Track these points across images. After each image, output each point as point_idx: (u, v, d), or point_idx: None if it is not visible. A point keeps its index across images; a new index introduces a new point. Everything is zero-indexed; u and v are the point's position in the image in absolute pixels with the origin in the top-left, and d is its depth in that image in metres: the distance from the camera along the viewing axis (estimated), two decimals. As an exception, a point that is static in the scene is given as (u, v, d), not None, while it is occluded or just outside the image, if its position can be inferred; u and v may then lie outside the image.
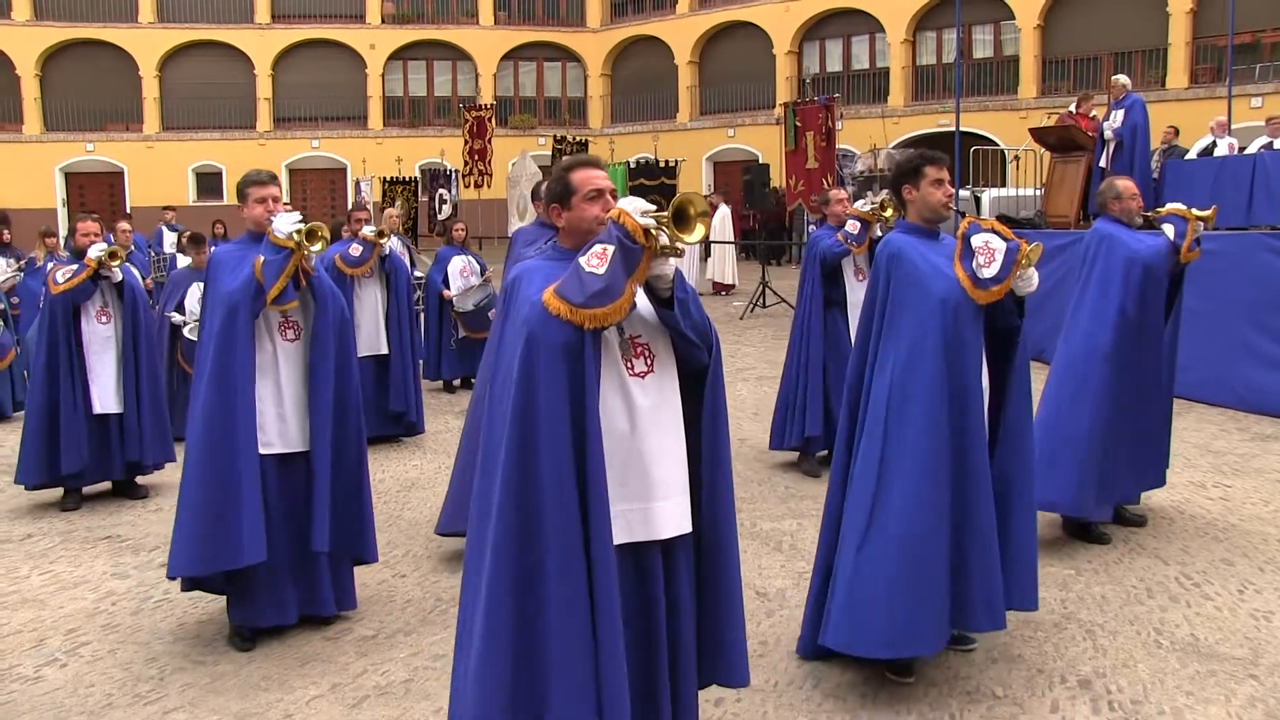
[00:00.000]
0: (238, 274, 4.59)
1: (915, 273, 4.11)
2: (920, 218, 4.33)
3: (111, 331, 6.90)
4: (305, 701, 4.14)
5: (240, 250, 4.75)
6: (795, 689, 4.15)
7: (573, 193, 3.11)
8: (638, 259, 2.85)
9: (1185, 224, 5.79)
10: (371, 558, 4.95)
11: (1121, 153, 11.77)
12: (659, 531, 3.03)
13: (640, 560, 3.03)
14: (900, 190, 4.35)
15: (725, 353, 13.28)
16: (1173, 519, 6.15)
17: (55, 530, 6.43)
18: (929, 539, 3.95)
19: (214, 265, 4.75)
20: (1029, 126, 14.96)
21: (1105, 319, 5.71)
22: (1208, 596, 5.01)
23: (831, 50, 29.53)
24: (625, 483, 2.97)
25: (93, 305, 6.84)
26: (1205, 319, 9.02)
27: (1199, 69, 22.74)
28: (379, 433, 8.47)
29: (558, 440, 2.85)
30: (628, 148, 27.17)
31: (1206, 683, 4.15)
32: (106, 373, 6.86)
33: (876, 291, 4.26)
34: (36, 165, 30.46)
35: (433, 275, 10.54)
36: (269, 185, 4.75)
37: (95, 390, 6.82)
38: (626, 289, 2.84)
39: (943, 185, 4.25)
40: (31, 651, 4.66)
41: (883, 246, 4.32)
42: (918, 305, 4.08)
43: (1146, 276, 5.67)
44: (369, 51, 32.38)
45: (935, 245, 4.26)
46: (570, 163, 3.19)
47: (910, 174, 4.29)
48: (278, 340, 4.68)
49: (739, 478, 7.23)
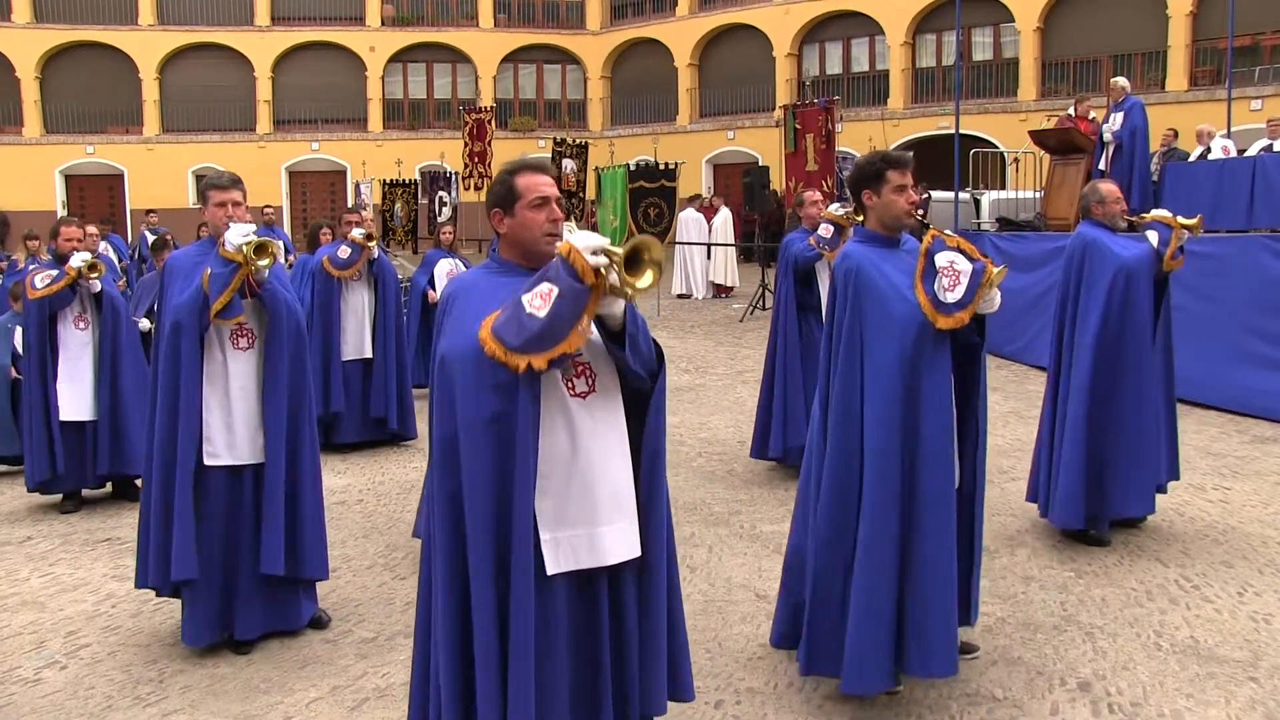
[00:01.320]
0: (188, 283, 4.54)
1: (875, 291, 3.84)
2: (880, 225, 4.03)
3: (89, 338, 6.86)
4: (305, 704, 4.14)
5: (196, 255, 4.68)
6: (795, 692, 4.15)
7: (516, 198, 2.93)
8: (584, 301, 2.67)
9: (1169, 231, 5.72)
10: (321, 575, 4.82)
11: (1121, 155, 11.77)
12: (605, 557, 2.87)
13: (586, 587, 2.90)
14: (860, 195, 4.03)
15: (725, 355, 13.27)
16: (1172, 522, 6.15)
17: (55, 533, 6.43)
18: (836, 569, 3.82)
19: (168, 271, 4.68)
20: (1029, 129, 14.96)
21: (1088, 327, 5.72)
22: (1207, 599, 5.02)
23: (831, 52, 29.53)
24: (568, 507, 2.84)
25: (71, 311, 6.81)
26: (1205, 321, 9.03)
27: (1198, 71, 22.73)
28: (367, 437, 8.48)
29: (486, 506, 2.78)
30: (627, 150, 27.16)
31: (1206, 685, 4.15)
32: (81, 379, 6.81)
33: (834, 308, 4.00)
34: (37, 168, 30.43)
35: (418, 278, 10.38)
36: (230, 190, 4.62)
37: (67, 397, 6.76)
38: (569, 334, 2.67)
39: (905, 191, 3.95)
40: (32, 654, 4.66)
41: (840, 260, 4.00)
42: (876, 327, 3.83)
43: (1130, 284, 5.66)
44: (369, 54, 32.38)
45: (895, 256, 3.97)
46: (515, 166, 3.00)
47: (871, 178, 3.98)
48: (228, 349, 4.58)
49: (738, 480, 7.24)
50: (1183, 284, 9.25)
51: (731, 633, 4.72)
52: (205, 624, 4.57)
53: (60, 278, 6.62)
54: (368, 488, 7.36)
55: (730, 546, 5.86)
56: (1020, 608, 4.94)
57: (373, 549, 6.00)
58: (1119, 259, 5.66)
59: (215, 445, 4.54)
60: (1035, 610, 4.91)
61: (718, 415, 9.46)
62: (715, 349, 13.20)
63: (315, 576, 4.80)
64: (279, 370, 4.61)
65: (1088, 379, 5.66)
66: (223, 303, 4.44)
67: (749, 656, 4.47)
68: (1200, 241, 9.96)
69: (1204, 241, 9.92)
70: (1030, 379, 10.72)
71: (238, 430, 4.57)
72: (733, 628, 4.77)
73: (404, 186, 25.25)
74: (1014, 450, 7.82)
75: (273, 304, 4.61)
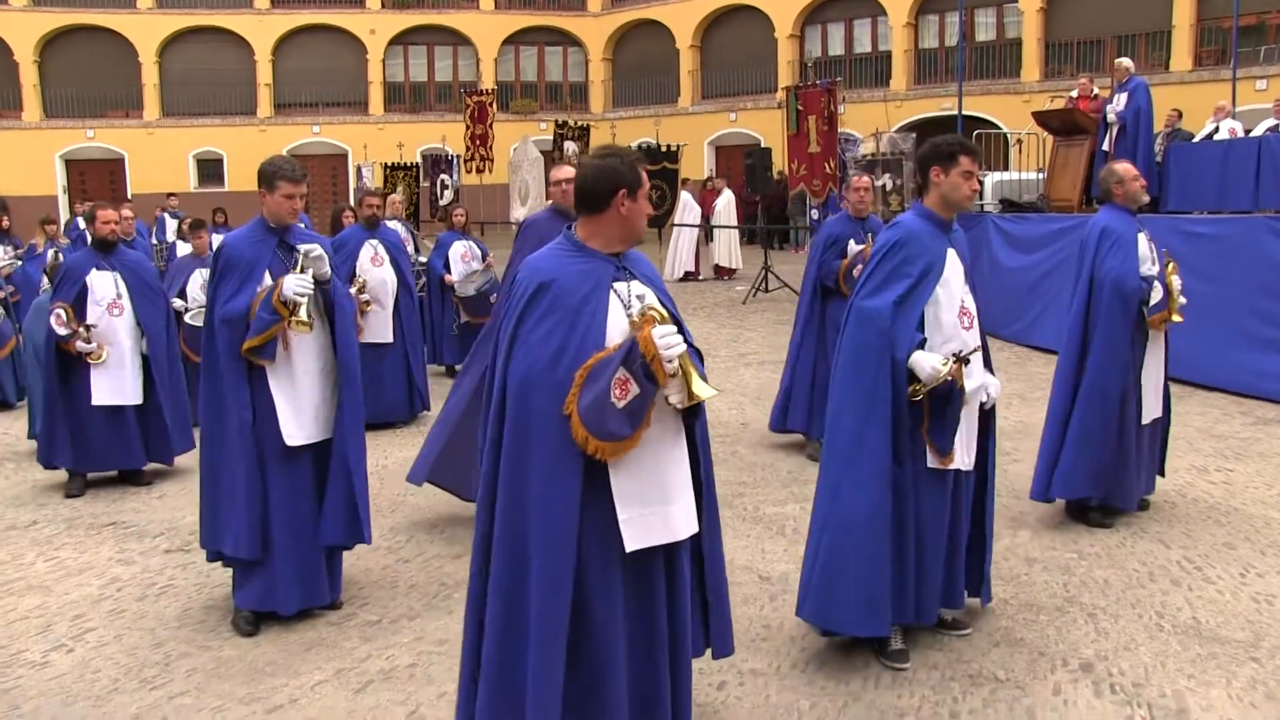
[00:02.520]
0: (243, 283, 4.61)
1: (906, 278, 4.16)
2: (941, 204, 4.27)
3: (124, 324, 6.90)
4: (310, 686, 4.16)
5: (251, 241, 4.72)
6: (798, 672, 4.16)
7: (639, 187, 3.16)
8: (653, 395, 3.02)
9: (1167, 303, 5.66)
10: (368, 539, 4.98)
11: (1124, 136, 11.72)
12: (677, 533, 3.17)
13: (644, 559, 3.16)
14: (928, 170, 4.27)
15: (728, 337, 13.28)
16: (1175, 503, 6.15)
17: (60, 517, 6.45)
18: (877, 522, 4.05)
19: (223, 258, 4.70)
20: (1032, 110, 14.89)
21: (1077, 314, 5.77)
22: (1209, 580, 5.02)
23: (833, 34, 29.42)
24: (646, 489, 3.09)
25: (104, 296, 6.84)
26: (1209, 303, 9.00)
27: (1203, 51, 22.64)
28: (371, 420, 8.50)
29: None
30: (629, 132, 27.11)
31: (1208, 665, 4.16)
32: (119, 365, 6.86)
33: (872, 267, 4.26)
34: (36, 152, 30.38)
35: (434, 261, 10.52)
36: (301, 184, 4.71)
37: (101, 383, 6.82)
38: (642, 423, 3.02)
39: (972, 178, 4.22)
40: (38, 637, 4.68)
41: (891, 230, 4.28)
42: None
43: (1115, 296, 5.64)
44: (369, 36, 32.27)
45: (941, 240, 4.23)
46: (635, 158, 3.23)
47: (945, 158, 4.22)
48: (291, 334, 4.66)
49: (742, 462, 7.25)
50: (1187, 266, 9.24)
51: (735, 615, 4.69)
52: (271, 591, 4.68)
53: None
54: (371, 470, 7.30)
55: (733, 528, 5.87)
56: (1023, 589, 4.95)
57: (376, 532, 5.98)
58: (1119, 276, 5.62)
59: (288, 426, 4.64)
60: (1038, 591, 4.92)
61: (720, 398, 9.46)
62: (718, 331, 13.19)
63: (366, 541, 4.95)
64: (343, 350, 4.76)
65: (1071, 365, 5.77)
66: (254, 344, 4.53)
67: (752, 638, 4.48)
68: (1204, 223, 9.95)
69: (1208, 223, 9.91)
70: (1032, 360, 10.72)
71: (305, 410, 4.68)
72: (735, 609, 4.75)
73: (405, 170, 25.19)
74: (1016, 432, 7.82)
75: (335, 295, 4.78)
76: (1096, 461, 5.64)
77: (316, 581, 4.78)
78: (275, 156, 4.85)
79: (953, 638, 4.43)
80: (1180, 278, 5.78)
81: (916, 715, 3.83)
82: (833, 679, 4.10)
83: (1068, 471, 5.69)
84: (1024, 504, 6.15)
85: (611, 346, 3.05)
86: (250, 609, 4.70)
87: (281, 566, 4.66)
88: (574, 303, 3.06)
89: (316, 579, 4.78)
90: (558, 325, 3.04)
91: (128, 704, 4.05)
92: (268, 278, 4.64)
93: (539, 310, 3.07)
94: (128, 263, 7.05)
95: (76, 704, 4.06)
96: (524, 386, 3.04)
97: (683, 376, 3.05)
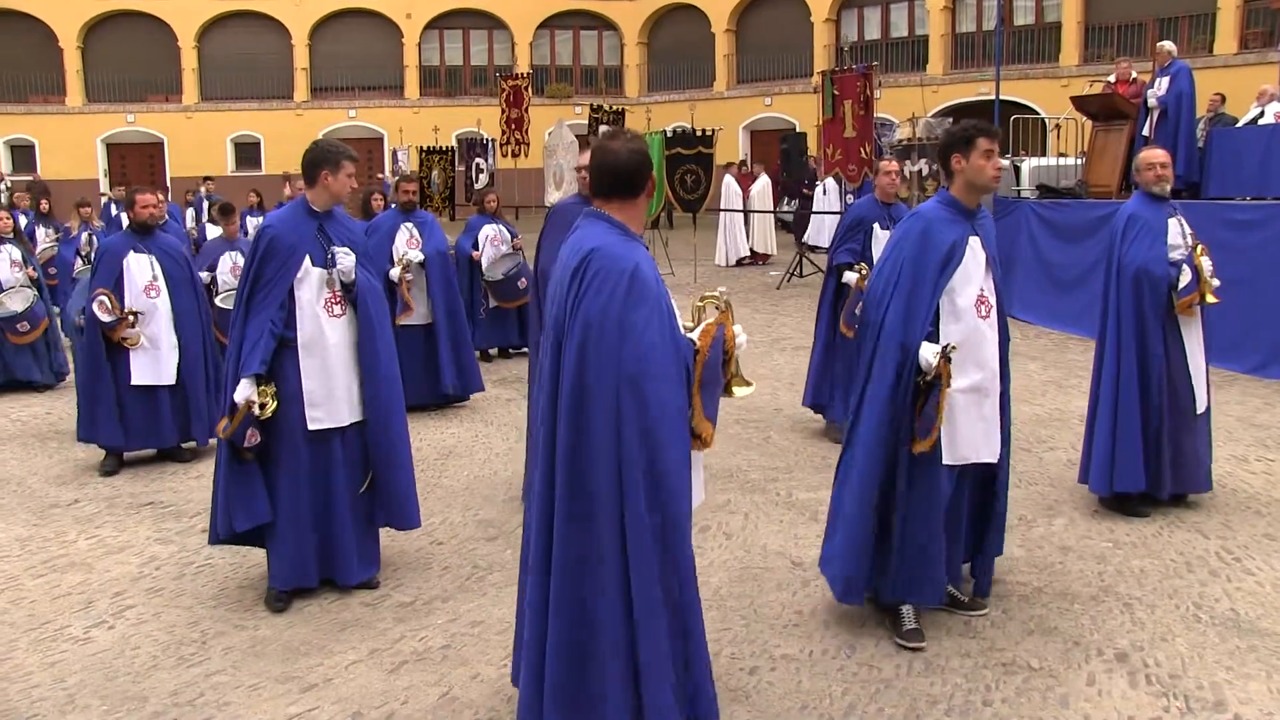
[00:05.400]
0: (282, 275, 4.63)
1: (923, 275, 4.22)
2: (965, 190, 4.29)
3: (160, 305, 6.98)
4: (344, 666, 4.20)
5: (294, 225, 4.74)
6: (829, 658, 4.16)
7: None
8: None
9: (1197, 284, 5.56)
10: (418, 523, 5.08)
11: (1166, 121, 11.52)
12: (697, 499, 3.42)
13: None
14: (949, 159, 4.29)
15: (762, 322, 13.28)
16: (1214, 493, 6.07)
17: (100, 496, 6.54)
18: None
19: (265, 240, 4.69)
20: (1070, 95, 14.68)
21: (1108, 304, 5.74)
22: (1249, 571, 4.96)
23: (870, 18, 29.16)
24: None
25: (141, 279, 6.93)
26: (1251, 290, 8.87)
27: (1249, 34, 22.19)
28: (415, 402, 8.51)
29: None
30: (664, 116, 26.99)
31: (1247, 658, 4.11)
32: (156, 346, 6.96)
33: (891, 254, 4.33)
34: (79, 137, 30.77)
35: (463, 243, 10.49)
36: (357, 163, 4.83)
37: (140, 363, 6.93)
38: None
39: (993, 158, 4.23)
40: (80, 613, 4.76)
41: (913, 220, 4.32)
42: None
43: (1138, 285, 5.60)
44: (405, 21, 32.35)
45: (964, 227, 4.26)
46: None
47: (962, 143, 4.25)
48: (323, 317, 4.71)
49: (775, 447, 7.23)
50: (1229, 251, 9.11)
51: (767, 600, 4.73)
52: (294, 570, 4.77)
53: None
54: (405, 454, 7.41)
55: (766, 514, 5.87)
56: (1057, 577, 4.91)
57: (411, 514, 6.05)
58: (1144, 263, 5.58)
59: (318, 410, 4.70)
60: (1072, 580, 4.88)
61: (754, 382, 9.42)
62: (752, 316, 13.15)
63: (412, 525, 5.05)
64: (375, 333, 4.80)
65: (1102, 354, 5.74)
66: (231, 431, 4.56)
67: (784, 624, 4.48)
68: (1247, 209, 9.79)
69: (1251, 209, 9.74)
70: (1070, 348, 10.61)
71: (338, 394, 4.74)
72: (768, 595, 4.79)
73: (441, 154, 25.27)
74: (1053, 420, 7.75)
75: (362, 283, 4.80)
76: (1133, 454, 5.58)
77: (341, 560, 4.85)
78: (322, 140, 4.93)
79: (982, 624, 4.40)
80: (1210, 259, 5.66)
81: (949, 703, 3.82)
82: (865, 665, 4.09)
83: (1106, 463, 5.63)
84: (1059, 491, 6.10)
85: (699, 339, 3.21)
86: (279, 588, 4.79)
87: (304, 544, 4.76)
88: (655, 288, 3.12)
89: (341, 558, 4.85)
90: (652, 313, 3.08)
91: (166, 680, 4.11)
92: (308, 262, 4.69)
93: (635, 297, 3.08)
94: (163, 245, 7.13)
95: (118, 679, 4.13)
96: (645, 374, 3.07)
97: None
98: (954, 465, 4.28)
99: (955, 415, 4.23)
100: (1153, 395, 5.59)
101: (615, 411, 3.06)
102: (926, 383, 4.10)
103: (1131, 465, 5.58)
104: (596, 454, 3.09)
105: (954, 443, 4.26)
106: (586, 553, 3.14)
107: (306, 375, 4.68)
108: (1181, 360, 5.66)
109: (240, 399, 4.53)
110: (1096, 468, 5.69)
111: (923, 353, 4.11)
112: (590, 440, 3.10)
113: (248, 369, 4.55)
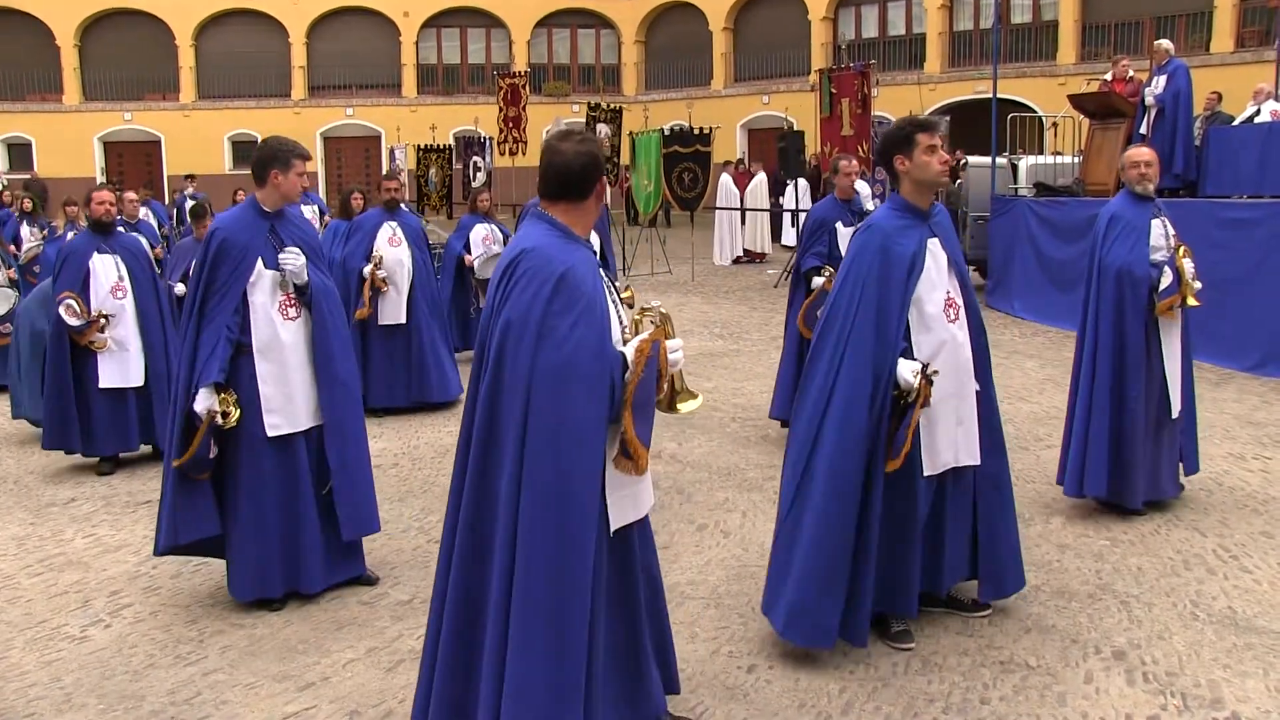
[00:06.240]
0: (234, 279, 4.53)
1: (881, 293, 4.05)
2: (915, 191, 4.13)
3: (127, 306, 6.92)
4: (342, 664, 4.20)
5: (244, 226, 4.64)
6: (827, 656, 4.16)
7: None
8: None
9: (1178, 286, 5.49)
10: (376, 527, 4.99)
11: (1163, 120, 11.53)
12: (643, 509, 3.27)
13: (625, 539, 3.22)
14: (891, 162, 4.13)
15: (759, 320, 13.27)
16: (1211, 491, 6.08)
17: (97, 495, 6.54)
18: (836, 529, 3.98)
19: (215, 243, 4.58)
20: (1068, 93, 14.68)
21: (1088, 306, 5.70)
22: (1246, 569, 4.97)
23: (867, 16, 29.17)
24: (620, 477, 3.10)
25: (108, 280, 6.86)
26: (1247, 288, 8.88)
27: (1245, 32, 22.20)
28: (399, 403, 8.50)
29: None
30: (661, 115, 26.99)
31: (1244, 656, 4.12)
32: (123, 348, 6.89)
33: (851, 271, 4.11)
34: (76, 135, 30.76)
35: (453, 243, 10.37)
36: (308, 161, 4.78)
37: (108, 366, 6.85)
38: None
39: (936, 152, 4.05)
40: (78, 612, 4.76)
41: (868, 233, 4.11)
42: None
43: (1119, 285, 5.56)
44: (403, 19, 32.34)
45: (921, 230, 4.10)
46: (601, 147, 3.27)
47: (901, 143, 4.09)
48: (278, 321, 4.64)
49: (772, 445, 7.23)
50: (1225, 250, 9.12)
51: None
52: (256, 580, 4.68)
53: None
54: (403, 452, 7.42)
55: (764, 512, 5.87)
56: (1055, 575, 4.92)
57: (408, 513, 6.06)
58: (1124, 264, 5.54)
59: (275, 416, 4.62)
60: (1070, 578, 4.88)
61: (752, 381, 9.44)
62: (749, 315, 13.16)
63: (370, 531, 4.97)
64: (329, 334, 4.72)
65: (1084, 357, 5.69)
66: (188, 453, 4.48)
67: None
68: (1243, 207, 9.80)
69: (1247, 207, 9.75)
70: (1067, 345, 10.60)
71: (296, 399, 4.67)
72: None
73: (438, 152, 25.23)
74: (1050, 417, 7.76)
75: (316, 283, 4.73)
76: (1101, 460, 5.54)
77: (307, 567, 4.75)
78: (272, 138, 4.80)
79: (980, 623, 4.41)
80: (1193, 261, 5.60)
81: (946, 701, 3.82)
82: (862, 664, 4.09)
83: (1079, 468, 5.61)
84: (1056, 489, 6.10)
85: (633, 356, 3.00)
86: (239, 599, 4.71)
87: (267, 554, 4.67)
88: (588, 293, 2.97)
89: (306, 565, 4.74)
90: (580, 318, 2.94)
91: (164, 679, 4.11)
92: (260, 265, 4.60)
93: (562, 300, 2.94)
94: (126, 245, 7.07)
95: (114, 678, 4.13)
96: (560, 377, 2.93)
97: (669, 387, 3.15)
98: (933, 476, 4.17)
99: (933, 423, 4.10)
100: (1129, 400, 5.52)
101: (524, 413, 2.95)
102: (905, 402, 3.96)
103: (1100, 471, 5.55)
104: (503, 455, 3.02)
105: (933, 450, 4.13)
106: (482, 551, 3.11)
107: (263, 381, 4.59)
108: (1159, 364, 5.60)
109: (201, 409, 4.44)
110: (1070, 471, 5.67)
111: (900, 371, 3.95)
112: (499, 440, 3.03)
113: (206, 377, 4.44)
